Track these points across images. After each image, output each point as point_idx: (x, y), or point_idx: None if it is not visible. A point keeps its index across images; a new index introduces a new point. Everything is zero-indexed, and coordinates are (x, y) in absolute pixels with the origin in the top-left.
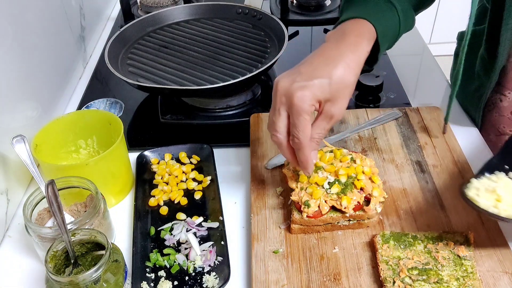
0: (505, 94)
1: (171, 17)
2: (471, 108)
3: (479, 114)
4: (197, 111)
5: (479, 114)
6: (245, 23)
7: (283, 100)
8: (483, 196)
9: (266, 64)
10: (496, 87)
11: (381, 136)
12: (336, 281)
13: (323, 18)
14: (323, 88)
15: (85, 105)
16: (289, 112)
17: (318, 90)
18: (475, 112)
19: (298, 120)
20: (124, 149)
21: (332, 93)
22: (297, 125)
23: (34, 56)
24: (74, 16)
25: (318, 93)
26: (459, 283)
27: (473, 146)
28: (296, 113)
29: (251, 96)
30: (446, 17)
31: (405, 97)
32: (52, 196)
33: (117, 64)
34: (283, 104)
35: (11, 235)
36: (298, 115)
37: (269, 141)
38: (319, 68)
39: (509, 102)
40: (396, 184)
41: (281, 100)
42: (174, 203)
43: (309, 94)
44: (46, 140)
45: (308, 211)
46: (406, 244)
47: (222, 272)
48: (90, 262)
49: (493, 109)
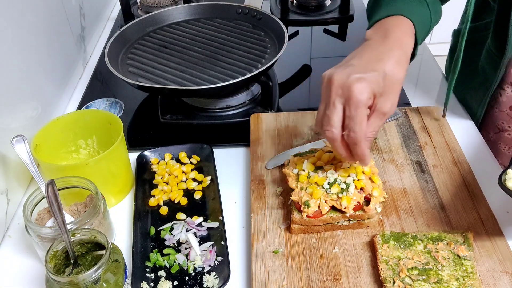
0: (504, 89)
1: (171, 17)
2: (473, 104)
3: (482, 110)
4: (197, 111)
5: (482, 109)
6: (245, 23)
7: (339, 92)
8: None
9: (266, 64)
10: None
11: (381, 136)
12: (336, 281)
13: (323, 18)
14: (378, 82)
15: (85, 105)
16: (345, 105)
17: (374, 83)
18: (478, 107)
19: (356, 113)
20: (124, 149)
21: (385, 87)
22: (355, 118)
23: (34, 56)
24: (74, 16)
25: (374, 86)
26: (459, 283)
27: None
28: (355, 105)
29: (251, 96)
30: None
31: (405, 97)
32: (52, 196)
33: (117, 64)
34: (339, 96)
35: (11, 235)
36: (357, 107)
37: (269, 141)
38: (372, 62)
39: (507, 97)
40: (396, 184)
41: (337, 93)
42: (174, 203)
43: (367, 86)
44: (46, 140)
45: (308, 211)
46: (406, 244)
47: (222, 272)
48: (90, 262)
49: (494, 105)
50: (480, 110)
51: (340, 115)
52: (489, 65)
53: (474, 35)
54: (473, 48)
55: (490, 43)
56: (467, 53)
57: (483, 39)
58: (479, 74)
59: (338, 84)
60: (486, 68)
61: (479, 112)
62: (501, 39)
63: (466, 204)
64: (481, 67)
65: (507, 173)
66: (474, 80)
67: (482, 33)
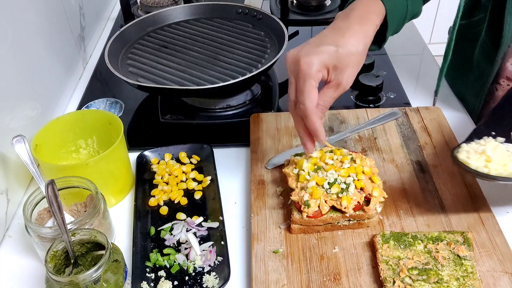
0: (500, 83)
1: (171, 17)
2: (470, 99)
3: (479, 104)
4: (197, 111)
5: (480, 104)
6: (245, 23)
7: (292, 68)
8: (473, 158)
9: (266, 64)
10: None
11: (381, 136)
12: (336, 281)
13: (323, 18)
14: (330, 55)
15: (85, 105)
16: (296, 79)
17: (325, 56)
18: (475, 102)
19: (304, 85)
20: (124, 149)
21: (339, 59)
22: (303, 91)
23: (34, 56)
24: (74, 16)
25: (325, 59)
26: (459, 283)
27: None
28: (302, 77)
29: (251, 96)
30: (446, 17)
31: (405, 97)
32: (52, 196)
33: (117, 64)
34: (292, 71)
35: (11, 235)
36: (304, 80)
37: (269, 141)
38: (327, 37)
39: (503, 91)
40: (396, 184)
41: (290, 68)
42: (174, 203)
43: (315, 59)
44: (46, 140)
45: (308, 211)
46: (406, 244)
47: (222, 272)
48: (90, 262)
49: (490, 99)
50: (477, 105)
51: (294, 89)
52: (484, 59)
53: (468, 31)
54: (467, 44)
55: (485, 38)
56: (462, 49)
57: (477, 35)
58: (474, 69)
59: (291, 60)
60: (481, 63)
61: (477, 106)
62: (495, 34)
63: (466, 204)
64: (476, 62)
65: (461, 147)
66: (470, 75)
67: (475, 29)
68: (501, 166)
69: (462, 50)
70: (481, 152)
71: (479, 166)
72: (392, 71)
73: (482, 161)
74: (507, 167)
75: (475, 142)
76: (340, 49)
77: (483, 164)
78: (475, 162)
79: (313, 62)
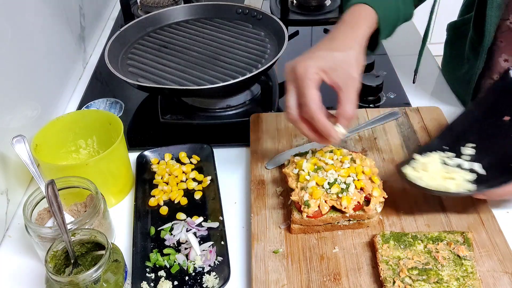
0: (494, 78)
1: (171, 17)
2: (462, 92)
3: (469, 98)
4: (197, 111)
5: (469, 97)
6: (245, 23)
7: (289, 76)
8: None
9: (266, 64)
10: (487, 72)
11: (381, 136)
12: (336, 281)
13: (323, 18)
14: (325, 58)
15: (85, 105)
16: (295, 85)
17: (319, 60)
18: (465, 96)
19: (303, 87)
20: (124, 149)
21: (335, 61)
22: (304, 93)
23: (34, 56)
24: (74, 16)
25: (320, 63)
26: (459, 283)
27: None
28: (301, 81)
29: (251, 96)
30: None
31: (405, 97)
32: (52, 196)
33: (117, 64)
34: (290, 80)
35: (11, 235)
36: (302, 82)
37: (269, 141)
38: (320, 45)
39: None
40: (396, 184)
41: (288, 77)
42: (174, 203)
43: (311, 64)
44: (46, 140)
45: (308, 211)
46: (406, 244)
47: (222, 272)
48: (90, 262)
49: None
50: (467, 99)
51: (294, 97)
52: (472, 53)
53: (462, 28)
54: (461, 41)
55: (472, 31)
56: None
57: (468, 31)
58: (464, 64)
59: (288, 70)
60: (470, 57)
61: (467, 101)
62: (480, 26)
63: (466, 204)
64: (466, 57)
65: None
66: (461, 70)
67: (468, 26)
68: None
69: (457, 47)
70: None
71: (416, 178)
72: (392, 71)
73: (420, 174)
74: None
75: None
76: (334, 51)
77: (419, 176)
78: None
79: (308, 65)
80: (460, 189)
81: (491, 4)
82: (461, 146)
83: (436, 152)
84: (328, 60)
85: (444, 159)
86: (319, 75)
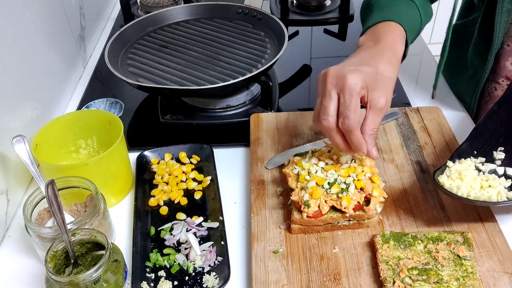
0: (499, 82)
1: (171, 17)
2: (466, 97)
3: (475, 102)
4: (197, 111)
5: (475, 101)
6: (245, 23)
7: (334, 82)
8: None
9: (266, 64)
10: (491, 76)
11: (381, 136)
12: (336, 281)
13: (323, 18)
14: (371, 76)
15: (85, 105)
16: (340, 93)
17: (367, 76)
18: (470, 99)
19: (350, 100)
20: (124, 149)
21: (378, 82)
22: (349, 105)
23: (34, 56)
24: (74, 16)
25: (367, 78)
26: (459, 283)
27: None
28: (349, 92)
29: (251, 96)
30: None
31: (405, 97)
32: (52, 196)
33: (117, 64)
34: (334, 86)
35: (11, 235)
36: (351, 94)
37: (269, 141)
38: (366, 60)
39: (503, 90)
40: (396, 184)
41: (332, 83)
42: (174, 203)
43: (360, 76)
44: (46, 140)
45: (308, 211)
46: (406, 244)
47: (222, 272)
48: (90, 262)
49: (489, 100)
50: (473, 103)
51: (335, 104)
52: (477, 58)
53: (463, 30)
54: (463, 44)
55: (477, 36)
56: (458, 49)
57: (470, 34)
58: (469, 68)
59: (333, 75)
60: (475, 62)
61: (472, 105)
62: (487, 33)
63: (466, 204)
64: (470, 61)
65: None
66: (465, 74)
67: (470, 29)
68: (472, 188)
69: (458, 49)
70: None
71: (452, 187)
72: None
73: (456, 182)
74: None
75: (457, 163)
76: (379, 72)
77: (456, 185)
78: (448, 183)
79: (359, 78)
80: (501, 197)
81: (500, 10)
82: (493, 151)
83: (469, 158)
84: (372, 79)
85: (477, 165)
86: (364, 91)
